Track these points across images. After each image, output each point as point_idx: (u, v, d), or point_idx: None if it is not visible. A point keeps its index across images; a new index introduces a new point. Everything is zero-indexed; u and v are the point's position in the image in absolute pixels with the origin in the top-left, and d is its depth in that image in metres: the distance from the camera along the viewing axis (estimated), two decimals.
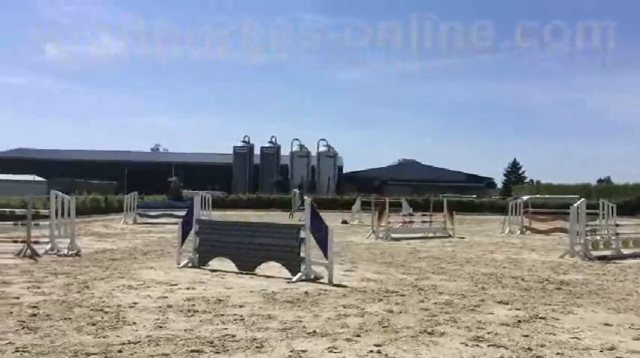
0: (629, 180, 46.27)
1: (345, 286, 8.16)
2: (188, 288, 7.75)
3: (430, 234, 18.47)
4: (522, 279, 9.22)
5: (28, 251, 10.99)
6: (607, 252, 12.94)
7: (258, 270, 9.13)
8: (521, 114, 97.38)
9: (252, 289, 7.74)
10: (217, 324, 5.69)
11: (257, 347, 4.88)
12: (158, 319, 5.85)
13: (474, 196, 46.09)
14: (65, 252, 11.34)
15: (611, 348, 5.09)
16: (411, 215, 20.32)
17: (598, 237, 13.37)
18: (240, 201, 39.75)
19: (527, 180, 68.50)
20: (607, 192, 40.90)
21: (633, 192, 40.52)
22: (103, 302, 6.68)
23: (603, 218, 14.66)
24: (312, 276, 8.60)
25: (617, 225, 14.18)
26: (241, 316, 6.05)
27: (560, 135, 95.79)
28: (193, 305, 6.61)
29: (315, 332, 5.44)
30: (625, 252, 13.16)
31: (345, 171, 62.60)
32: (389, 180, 59.12)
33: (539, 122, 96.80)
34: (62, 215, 11.89)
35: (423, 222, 19.54)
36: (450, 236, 18.48)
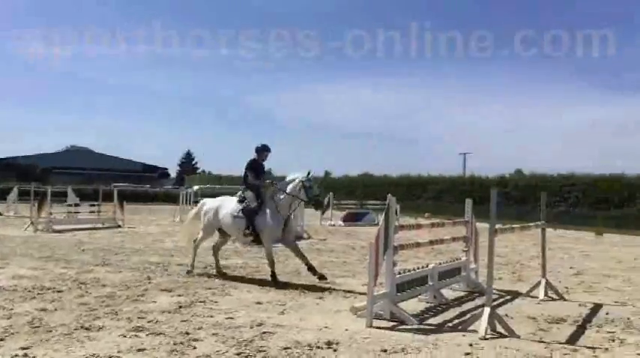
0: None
1: None
2: None
3: (99, 225, 17.68)
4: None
5: None
6: None
7: None
8: (199, 106, 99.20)
9: None
10: None
11: None
12: None
13: (148, 186, 45.84)
14: None
15: (260, 324, 5.62)
16: (77, 205, 19.09)
17: None
18: None
19: (200, 170, 70.77)
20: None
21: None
22: None
23: None
24: None
25: None
26: None
27: (233, 128, 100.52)
28: None
29: None
30: None
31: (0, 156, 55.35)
32: (55, 168, 54.41)
33: (216, 115, 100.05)
34: None
35: (90, 212, 18.65)
36: (119, 226, 17.99)
